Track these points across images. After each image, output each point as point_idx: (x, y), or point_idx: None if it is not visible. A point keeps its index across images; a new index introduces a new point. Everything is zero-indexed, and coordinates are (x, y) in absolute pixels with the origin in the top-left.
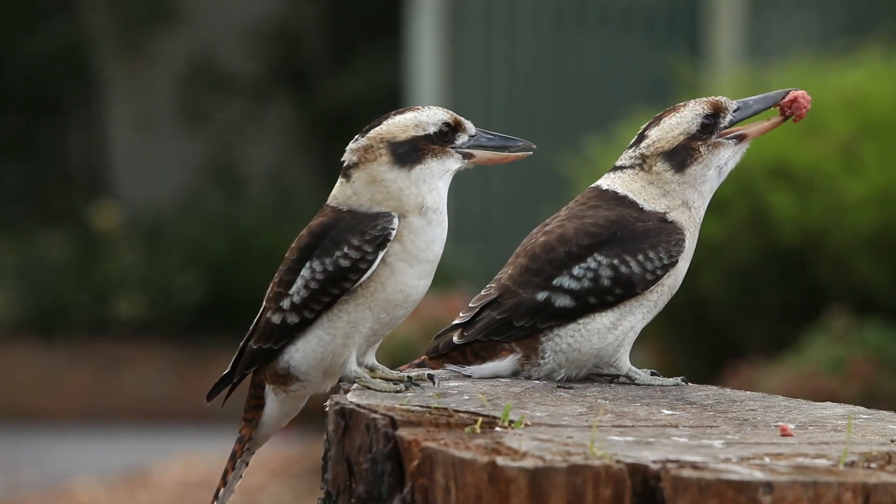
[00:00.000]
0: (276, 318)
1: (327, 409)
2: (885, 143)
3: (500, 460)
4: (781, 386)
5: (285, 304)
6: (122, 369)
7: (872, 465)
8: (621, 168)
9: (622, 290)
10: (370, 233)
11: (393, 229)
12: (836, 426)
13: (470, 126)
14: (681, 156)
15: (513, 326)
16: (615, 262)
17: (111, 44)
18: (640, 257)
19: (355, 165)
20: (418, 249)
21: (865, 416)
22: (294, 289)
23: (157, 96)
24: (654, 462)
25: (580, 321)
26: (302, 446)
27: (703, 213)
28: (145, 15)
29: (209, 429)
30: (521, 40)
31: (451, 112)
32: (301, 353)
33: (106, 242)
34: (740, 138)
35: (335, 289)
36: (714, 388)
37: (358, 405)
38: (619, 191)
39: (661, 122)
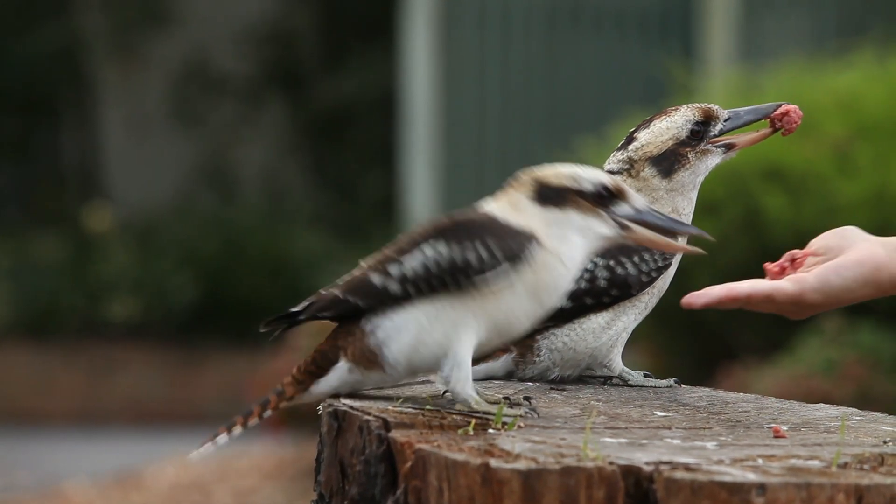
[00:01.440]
0: (378, 280)
1: (320, 411)
2: (879, 144)
3: (493, 462)
4: (774, 387)
5: (394, 270)
6: (116, 371)
7: (865, 466)
8: (609, 173)
9: (618, 292)
10: (509, 244)
11: (531, 252)
12: (829, 428)
13: (637, 200)
14: (668, 161)
15: None
16: (611, 263)
17: (105, 45)
18: (636, 259)
19: (503, 190)
20: (542, 286)
21: (858, 418)
22: (409, 259)
23: (151, 98)
24: (647, 464)
25: (576, 321)
26: (295, 448)
27: (691, 217)
28: (139, 17)
29: (202, 431)
30: (514, 42)
31: (616, 180)
32: (396, 340)
33: (99, 244)
34: (729, 147)
35: (449, 277)
36: (707, 389)
37: (351, 407)
38: None
39: (651, 125)
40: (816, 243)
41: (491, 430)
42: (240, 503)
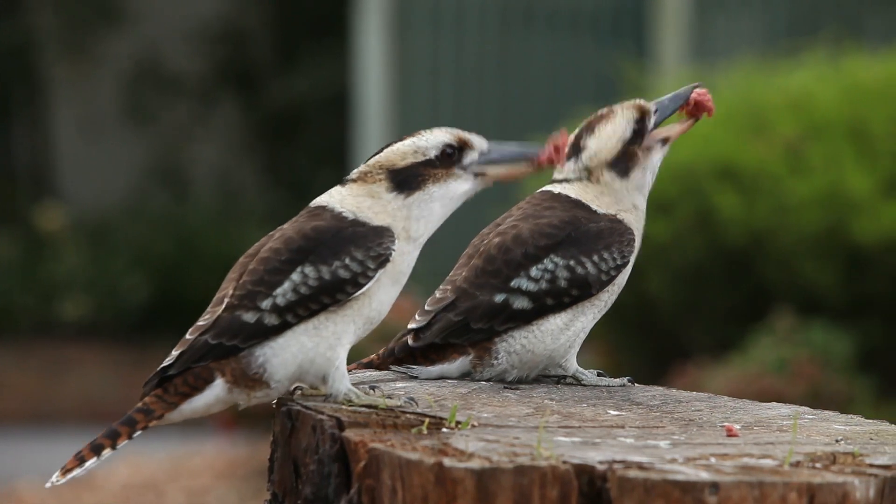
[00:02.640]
0: (251, 317)
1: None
2: (830, 144)
3: (446, 461)
4: (727, 386)
5: (266, 304)
6: (68, 371)
7: (817, 465)
8: (567, 181)
9: (578, 292)
10: (375, 249)
11: (394, 250)
12: (782, 426)
13: (480, 142)
14: (623, 162)
15: (470, 329)
16: (571, 263)
17: (57, 44)
18: (595, 258)
19: (353, 181)
20: (401, 273)
21: (810, 416)
22: (280, 290)
23: (103, 97)
24: (601, 463)
25: (534, 322)
26: (248, 448)
27: (644, 214)
28: (91, 15)
29: (155, 431)
30: (467, 41)
31: (454, 131)
32: (279, 359)
33: (51, 243)
34: (665, 141)
35: (327, 298)
36: (660, 388)
37: (305, 406)
38: (571, 195)
39: (596, 131)
40: None
41: (444, 430)
42: (192, 503)
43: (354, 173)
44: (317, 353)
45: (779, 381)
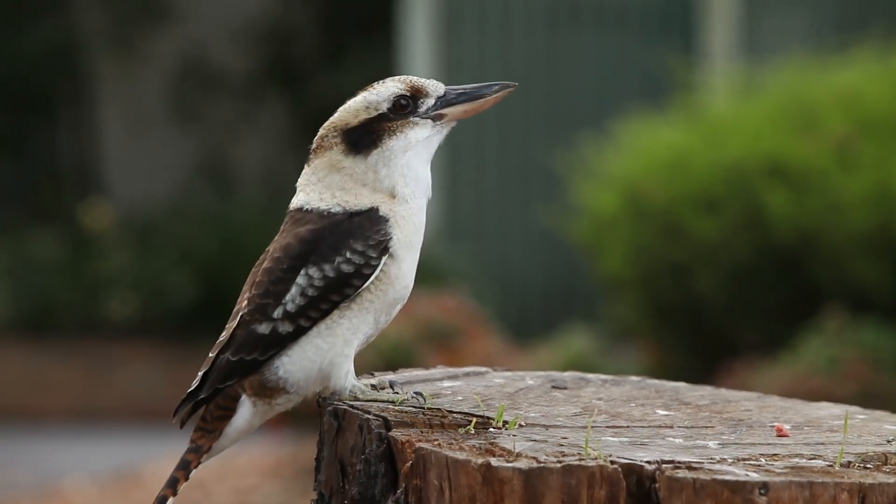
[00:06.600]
0: (265, 329)
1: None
2: (881, 141)
3: (494, 461)
4: (776, 386)
5: (277, 313)
6: (114, 369)
7: (868, 465)
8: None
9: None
10: (374, 237)
11: (392, 234)
12: (832, 426)
13: (436, 87)
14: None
15: None
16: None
17: (102, 42)
18: None
19: (314, 152)
20: (414, 233)
21: (861, 417)
22: (288, 297)
23: (149, 95)
24: (649, 463)
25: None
26: (294, 447)
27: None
28: (137, 13)
29: None
30: (514, 39)
31: (407, 79)
32: (297, 365)
33: (97, 242)
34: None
35: (336, 296)
36: (709, 388)
37: (351, 406)
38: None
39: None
40: None
41: (492, 429)
42: (239, 502)
43: (315, 141)
44: (334, 353)
45: (828, 381)
